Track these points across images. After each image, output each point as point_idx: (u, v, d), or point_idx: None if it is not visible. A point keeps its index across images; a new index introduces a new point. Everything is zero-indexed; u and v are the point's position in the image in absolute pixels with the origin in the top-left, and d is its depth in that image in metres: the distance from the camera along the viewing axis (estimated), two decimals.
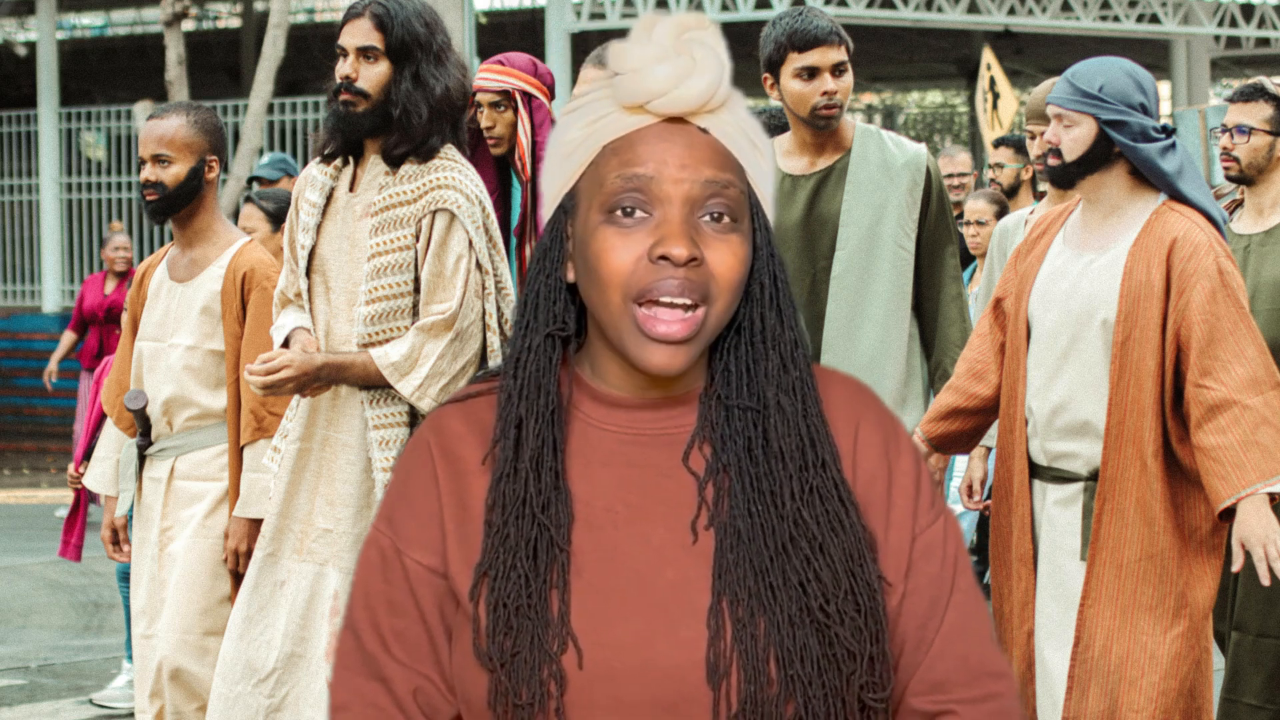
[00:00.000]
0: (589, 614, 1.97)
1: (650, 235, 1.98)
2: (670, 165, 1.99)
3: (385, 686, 2.04)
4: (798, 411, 2.02)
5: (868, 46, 17.67)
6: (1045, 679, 4.75)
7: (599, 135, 2.02)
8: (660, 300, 1.97)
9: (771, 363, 2.03)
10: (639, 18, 2.05)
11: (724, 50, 2.02)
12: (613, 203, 1.99)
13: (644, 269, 1.97)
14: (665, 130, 2.00)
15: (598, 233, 1.99)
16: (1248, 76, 10.29)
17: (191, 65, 16.92)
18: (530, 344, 2.04)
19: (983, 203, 8.49)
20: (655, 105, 2.00)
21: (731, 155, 2.02)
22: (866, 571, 2.00)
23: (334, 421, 4.95)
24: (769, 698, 1.95)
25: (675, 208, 1.98)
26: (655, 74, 1.99)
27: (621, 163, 2.00)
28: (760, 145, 2.05)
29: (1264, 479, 4.50)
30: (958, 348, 5.37)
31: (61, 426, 17.93)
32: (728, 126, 2.02)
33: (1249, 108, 6.02)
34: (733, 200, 2.00)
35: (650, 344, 1.98)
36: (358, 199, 4.94)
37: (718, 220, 1.99)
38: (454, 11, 12.43)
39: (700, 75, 2.00)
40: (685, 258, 1.96)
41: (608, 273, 1.98)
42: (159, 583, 5.49)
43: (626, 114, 2.02)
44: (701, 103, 2.00)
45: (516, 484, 2.01)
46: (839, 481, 2.02)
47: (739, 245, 2.00)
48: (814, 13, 5.35)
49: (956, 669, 2.04)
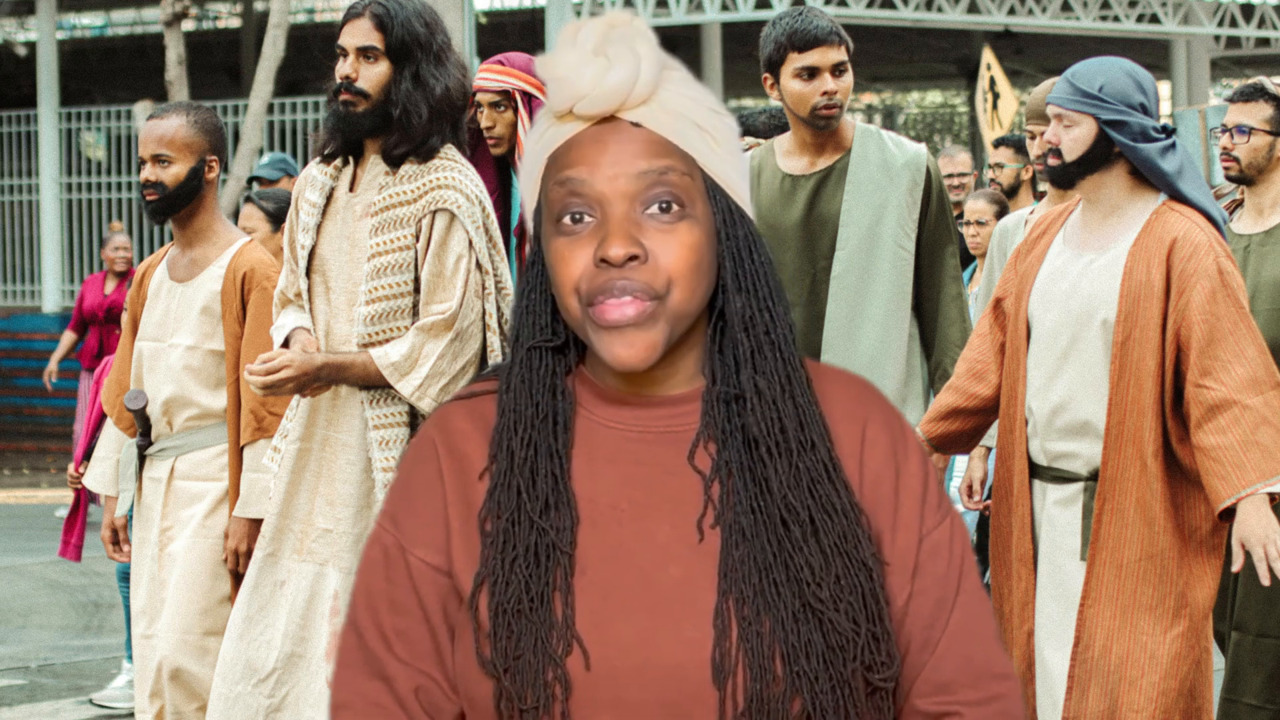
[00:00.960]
0: (593, 613, 1.97)
1: (594, 239, 1.98)
2: (603, 165, 1.98)
3: (387, 685, 2.04)
4: (778, 394, 2.01)
5: (868, 46, 17.66)
6: (1045, 679, 4.75)
7: (544, 149, 2.03)
8: (608, 299, 1.97)
9: (744, 347, 2.02)
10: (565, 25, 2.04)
11: (645, 42, 2.00)
12: (558, 212, 2.00)
13: (591, 274, 1.97)
14: (597, 132, 2.00)
15: (551, 244, 2.00)
16: (1248, 76, 10.29)
17: (191, 65, 16.92)
18: (518, 358, 2.05)
19: (983, 203, 8.48)
20: (579, 108, 1.99)
21: (669, 143, 2.00)
22: (861, 552, 1.99)
23: (334, 421, 4.95)
24: (775, 695, 1.95)
25: (614, 206, 1.98)
26: (576, 77, 1.98)
27: (559, 170, 2.00)
28: (710, 128, 2.02)
29: (1264, 479, 4.50)
30: (958, 348, 5.37)
31: (61, 426, 17.93)
32: (660, 115, 2.00)
33: (1249, 108, 6.02)
34: (676, 186, 1.98)
35: (608, 335, 1.97)
36: (358, 199, 4.94)
37: (666, 210, 1.98)
38: (454, 11, 12.43)
39: (614, 70, 1.98)
40: (623, 257, 1.95)
41: (561, 281, 1.99)
42: (159, 583, 5.49)
43: (560, 123, 2.02)
44: (621, 98, 1.99)
45: (510, 494, 2.01)
46: (828, 462, 2.01)
47: (686, 232, 1.98)
48: (814, 13, 5.36)
49: (961, 670, 2.03)
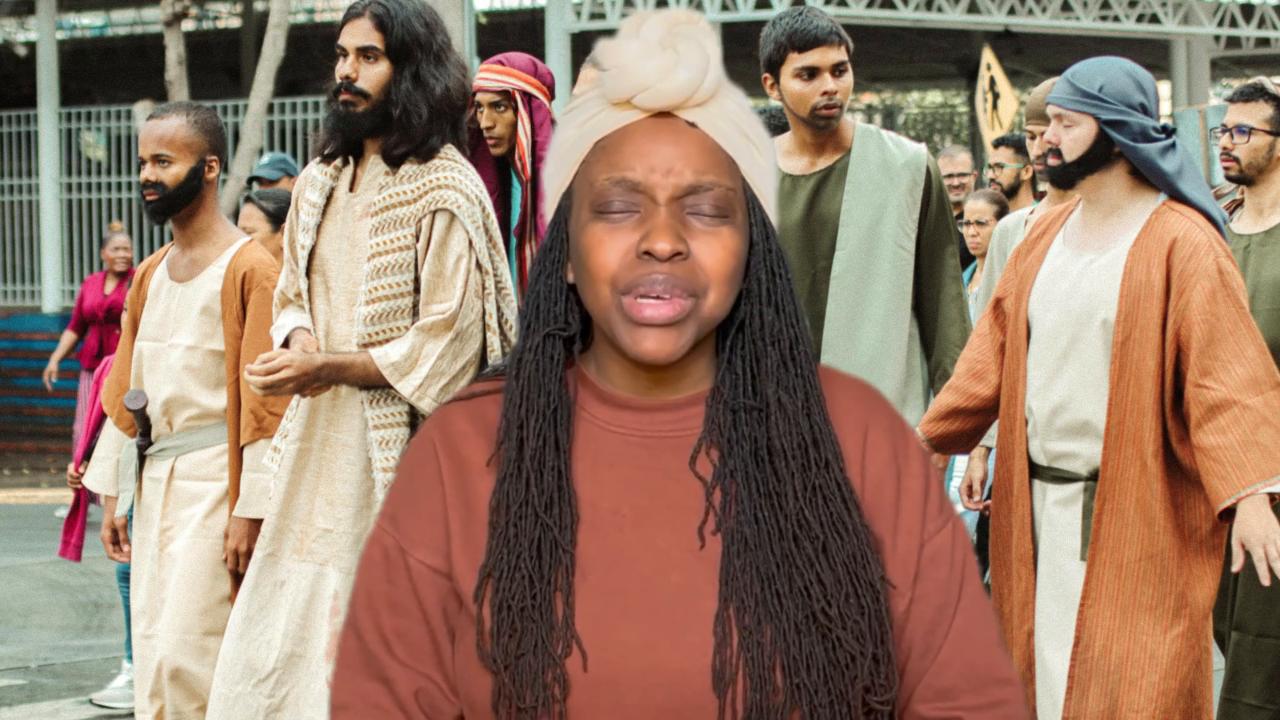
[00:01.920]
0: (593, 617, 1.96)
1: (637, 230, 1.97)
2: (656, 164, 1.98)
3: (387, 687, 2.04)
4: (799, 410, 2.01)
5: (868, 46, 17.66)
6: (1045, 679, 4.75)
7: (590, 133, 2.02)
8: (647, 295, 1.96)
9: (771, 360, 2.02)
10: (630, 15, 2.04)
11: (713, 44, 2.01)
12: (602, 200, 1.99)
13: (630, 264, 1.97)
14: (652, 126, 2.00)
15: (587, 229, 1.99)
16: (1248, 76, 10.28)
17: (191, 65, 16.92)
18: (532, 344, 2.04)
19: (983, 203, 8.48)
20: (640, 100, 1.99)
21: (721, 150, 2.01)
22: (870, 573, 1.99)
23: (334, 421, 4.95)
24: (775, 706, 1.94)
25: (661, 204, 1.98)
26: (640, 69, 1.98)
27: (609, 164, 1.99)
28: (756, 140, 2.04)
29: (1264, 479, 4.50)
30: (958, 348, 5.37)
31: (61, 426, 17.93)
32: (718, 120, 2.01)
33: (1249, 108, 6.02)
34: (721, 196, 1.99)
35: (639, 329, 1.97)
36: (358, 199, 4.94)
37: (708, 215, 1.99)
38: (454, 11, 12.43)
39: (684, 68, 1.98)
40: (669, 252, 1.95)
41: (596, 267, 1.98)
42: (159, 583, 5.48)
43: (615, 110, 2.01)
44: (685, 95, 1.99)
45: (520, 484, 2.00)
46: (842, 482, 2.01)
47: (729, 237, 1.99)
48: (814, 13, 5.35)
49: (963, 676, 2.03)
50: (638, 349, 1.98)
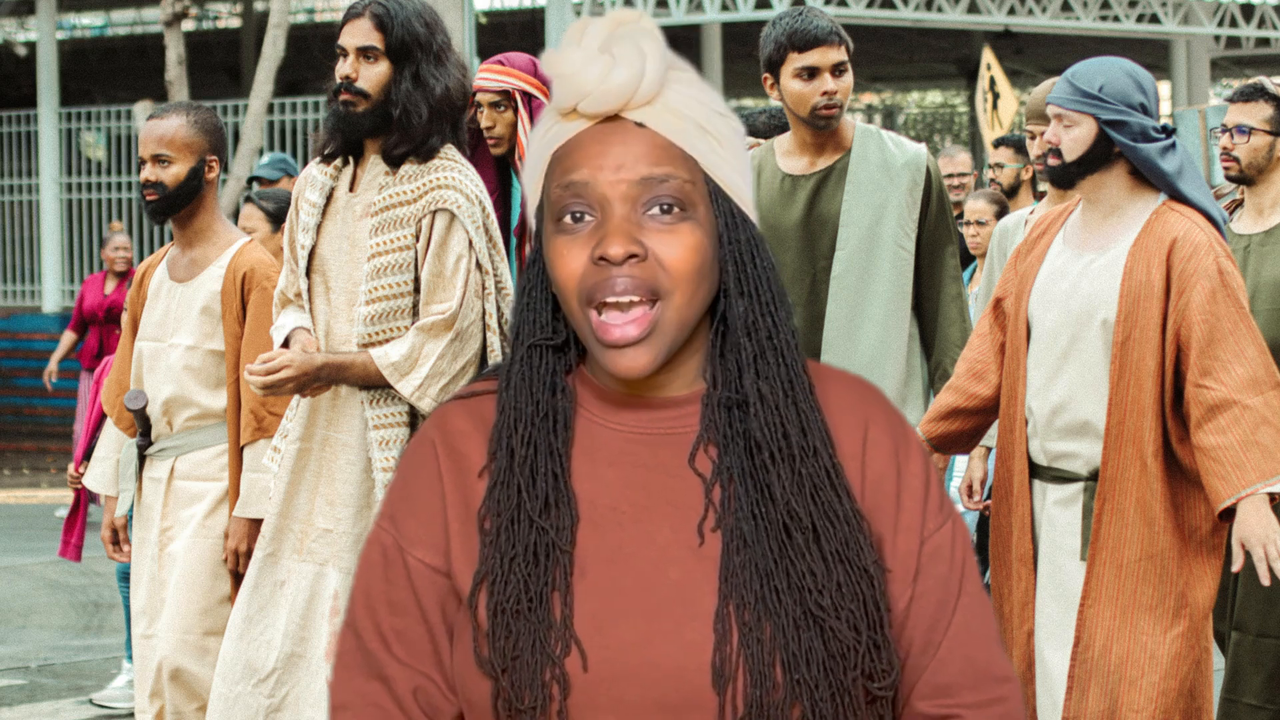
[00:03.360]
0: (592, 615, 1.96)
1: (593, 238, 1.97)
2: (605, 167, 1.97)
3: (386, 686, 2.04)
4: (781, 399, 2.00)
5: (868, 46, 17.67)
6: (1045, 679, 4.75)
7: (548, 146, 2.03)
8: (607, 301, 1.96)
9: (747, 351, 2.01)
10: (572, 23, 2.03)
11: (651, 42, 1.99)
12: (558, 211, 1.99)
13: (590, 271, 1.97)
14: (600, 132, 1.99)
15: (551, 242, 2.00)
16: (1248, 76, 10.29)
17: (191, 65, 16.92)
18: (518, 356, 2.05)
19: (983, 203, 8.48)
20: (583, 106, 1.99)
21: (673, 146, 1.99)
22: (863, 558, 1.98)
23: (334, 421, 4.95)
24: (775, 702, 1.94)
25: (615, 207, 1.97)
26: (582, 76, 1.98)
27: (562, 171, 2.00)
28: (715, 132, 2.02)
29: (1264, 479, 4.50)
30: (958, 348, 5.37)
31: (61, 426, 17.94)
32: (666, 117, 1.99)
33: (1249, 108, 6.02)
34: (678, 191, 1.98)
35: (610, 351, 1.97)
36: (358, 199, 4.94)
37: (666, 212, 1.98)
38: (454, 11, 12.42)
39: (619, 70, 1.97)
40: (622, 255, 1.95)
41: (561, 279, 1.98)
42: (159, 583, 5.49)
43: (565, 121, 2.01)
44: (625, 97, 1.98)
45: (511, 491, 2.00)
46: (830, 468, 2.00)
47: (689, 233, 1.98)
48: (814, 13, 5.36)
49: (963, 673, 2.03)
50: (614, 369, 1.98)
